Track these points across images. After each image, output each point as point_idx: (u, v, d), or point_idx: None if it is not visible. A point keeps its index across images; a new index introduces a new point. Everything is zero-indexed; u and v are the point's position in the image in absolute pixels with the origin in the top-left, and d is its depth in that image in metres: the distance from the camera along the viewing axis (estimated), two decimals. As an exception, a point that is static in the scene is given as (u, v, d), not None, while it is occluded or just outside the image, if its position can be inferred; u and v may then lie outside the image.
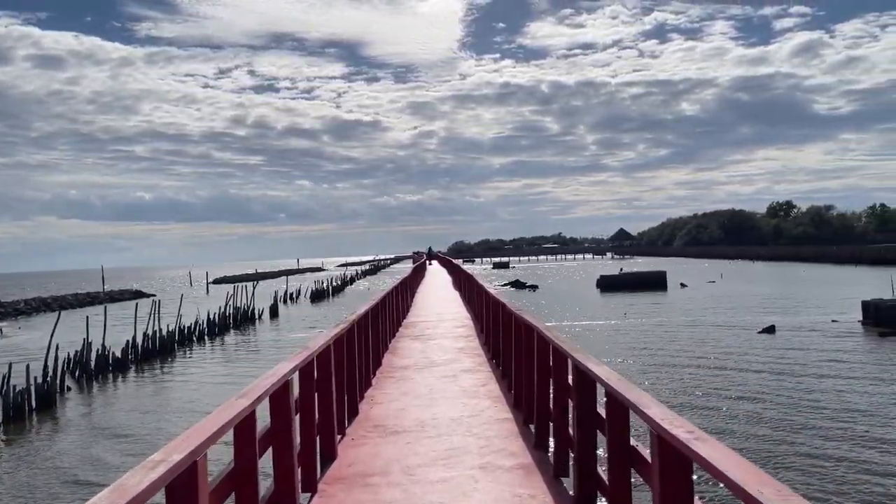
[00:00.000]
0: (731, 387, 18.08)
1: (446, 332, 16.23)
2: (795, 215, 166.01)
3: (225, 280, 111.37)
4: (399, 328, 17.07)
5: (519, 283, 67.24)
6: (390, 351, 13.27)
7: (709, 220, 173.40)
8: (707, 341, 26.32)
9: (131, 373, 25.60)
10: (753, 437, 13.56)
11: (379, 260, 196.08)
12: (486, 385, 9.75)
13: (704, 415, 15.28)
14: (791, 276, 66.64)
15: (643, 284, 57.58)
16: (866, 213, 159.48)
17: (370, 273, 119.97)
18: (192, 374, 24.64)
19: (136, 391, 22.35)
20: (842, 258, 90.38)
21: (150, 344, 28.37)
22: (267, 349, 30.09)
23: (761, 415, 15.21)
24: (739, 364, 21.32)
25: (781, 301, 41.24)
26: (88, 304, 70.83)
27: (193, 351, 30.77)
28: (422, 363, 11.81)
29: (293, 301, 60.30)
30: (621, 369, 20.69)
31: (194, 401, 19.66)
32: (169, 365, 26.98)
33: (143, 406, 19.57)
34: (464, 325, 17.76)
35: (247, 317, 41.99)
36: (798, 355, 22.68)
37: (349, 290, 76.82)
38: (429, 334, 15.97)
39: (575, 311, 40.16)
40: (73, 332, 30.56)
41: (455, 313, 21.12)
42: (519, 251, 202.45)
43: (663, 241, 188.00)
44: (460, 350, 13.20)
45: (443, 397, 8.98)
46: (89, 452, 14.95)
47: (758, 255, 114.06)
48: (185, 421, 16.91)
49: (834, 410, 15.40)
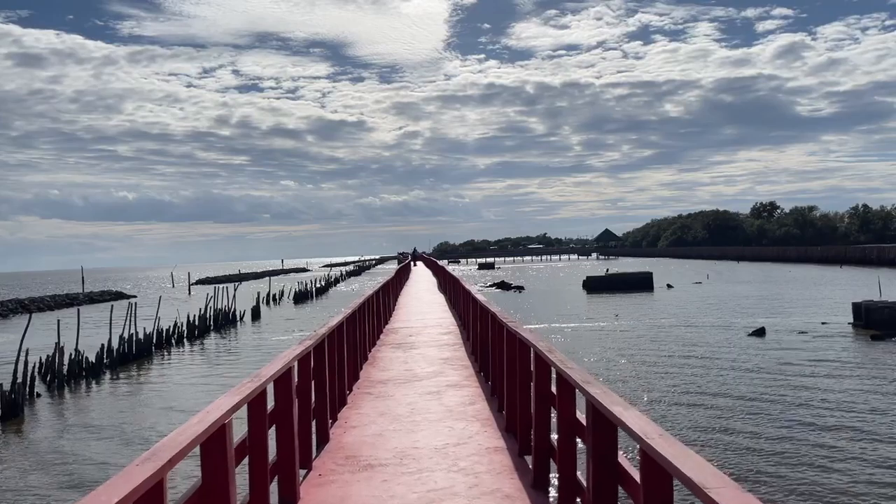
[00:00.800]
0: (724, 392, 17.33)
1: (430, 340, 15.36)
2: (779, 216, 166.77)
3: (207, 281, 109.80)
4: (380, 335, 16.22)
5: (505, 284, 66.47)
6: (370, 362, 12.39)
7: (693, 220, 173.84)
8: (697, 344, 25.63)
9: (105, 378, 24.49)
10: (748, 444, 12.79)
11: (364, 261, 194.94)
12: (475, 404, 8.91)
13: (696, 422, 14.49)
14: (777, 277, 66.36)
15: (629, 285, 57.00)
16: (849, 214, 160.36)
17: (354, 274, 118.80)
18: (168, 380, 23.60)
19: (108, 398, 21.28)
20: (827, 259, 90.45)
21: (126, 348, 27.24)
22: (247, 352, 29.09)
23: (756, 421, 14.45)
24: (730, 367, 20.60)
25: (769, 302, 40.73)
26: (67, 306, 69.22)
27: (171, 355, 29.68)
28: (403, 376, 10.94)
29: (276, 302, 59.17)
30: (613, 374, 19.87)
31: (171, 406, 18.67)
32: (145, 370, 25.92)
33: (114, 418, 18.53)
34: (449, 331, 16.95)
35: (228, 319, 40.83)
36: (789, 358, 22.06)
37: (333, 291, 75.71)
38: (412, 342, 15.09)
39: (562, 312, 39.40)
40: (48, 335, 29.33)
41: (440, 318, 20.28)
42: (504, 252, 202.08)
43: (648, 241, 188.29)
44: (445, 361, 12.32)
45: (425, 419, 8.08)
46: (54, 467, 13.92)
47: (742, 255, 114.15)
48: (154, 434, 15.92)
49: (827, 415, 14.68)
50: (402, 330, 17.48)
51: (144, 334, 28.96)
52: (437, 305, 24.90)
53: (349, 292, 66.03)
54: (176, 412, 18.47)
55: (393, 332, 16.93)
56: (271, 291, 61.23)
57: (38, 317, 59.19)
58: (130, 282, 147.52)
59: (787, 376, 19.43)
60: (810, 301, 40.86)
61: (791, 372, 20.02)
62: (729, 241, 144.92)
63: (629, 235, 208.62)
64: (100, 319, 33.23)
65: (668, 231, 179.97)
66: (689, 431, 14.13)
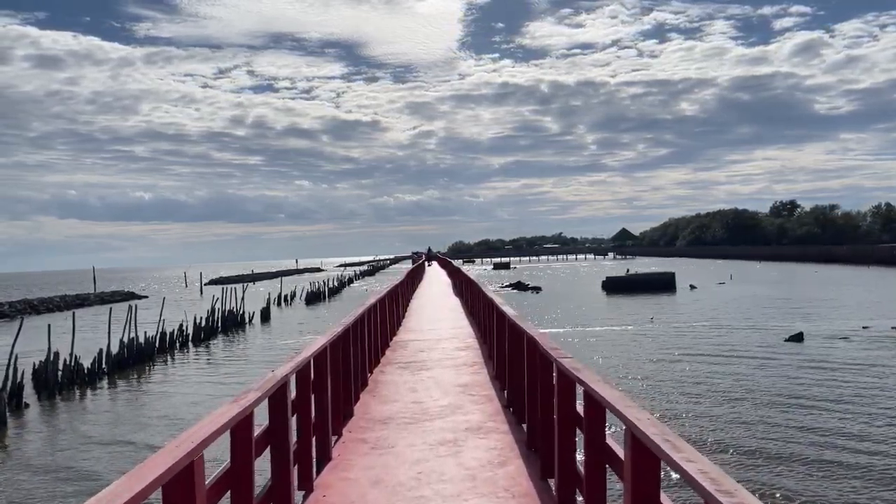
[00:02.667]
0: (771, 405, 15.76)
1: (445, 358, 13.23)
2: (799, 215, 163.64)
3: (221, 281, 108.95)
4: (386, 350, 14.28)
5: (521, 285, 64.92)
6: (370, 388, 10.33)
7: (712, 219, 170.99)
8: (733, 350, 24.02)
9: (102, 386, 23.26)
10: (801, 465, 11.27)
11: (378, 260, 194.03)
12: (506, 464, 6.48)
13: (748, 440, 12.96)
14: (803, 278, 64.33)
15: (651, 286, 55.28)
16: (871, 213, 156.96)
17: (369, 274, 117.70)
18: (167, 388, 22.29)
19: (103, 408, 20.01)
20: (853, 258, 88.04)
21: (126, 352, 26.01)
22: (254, 357, 27.80)
23: (810, 438, 12.91)
24: (772, 377, 19.01)
25: (800, 305, 38.91)
26: (77, 307, 68.36)
27: (174, 360, 28.42)
28: (410, 412, 8.73)
29: (287, 304, 57.98)
30: (653, 385, 18.31)
31: (167, 415, 17.36)
32: (145, 376, 24.67)
33: (106, 429, 17.23)
34: (467, 345, 14.96)
35: (236, 321, 39.60)
36: (833, 367, 20.40)
37: (346, 291, 74.50)
38: (423, 361, 12.93)
39: (583, 315, 37.84)
40: (53, 338, 28.12)
41: (456, 328, 18.22)
42: (519, 251, 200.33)
43: (665, 241, 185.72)
44: (464, 389, 10.14)
45: (437, 494, 5.70)
46: (38, 482, 12.63)
47: (763, 255, 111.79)
48: (151, 446, 14.60)
49: (884, 432, 13.10)
50: (411, 344, 15.50)
51: (145, 338, 27.68)
52: (453, 311, 23.02)
53: (362, 292, 64.74)
54: (175, 422, 17.20)
55: (401, 347, 14.99)
56: (283, 292, 60.10)
57: (48, 318, 58.46)
58: (144, 282, 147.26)
59: (835, 388, 17.80)
60: (844, 303, 39.02)
61: (836, 382, 18.39)
62: (748, 240, 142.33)
63: (646, 235, 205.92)
64: (106, 322, 31.85)
65: (686, 230, 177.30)
66: (753, 459, 12.62)
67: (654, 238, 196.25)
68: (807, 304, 38.83)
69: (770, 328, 29.32)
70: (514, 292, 57.90)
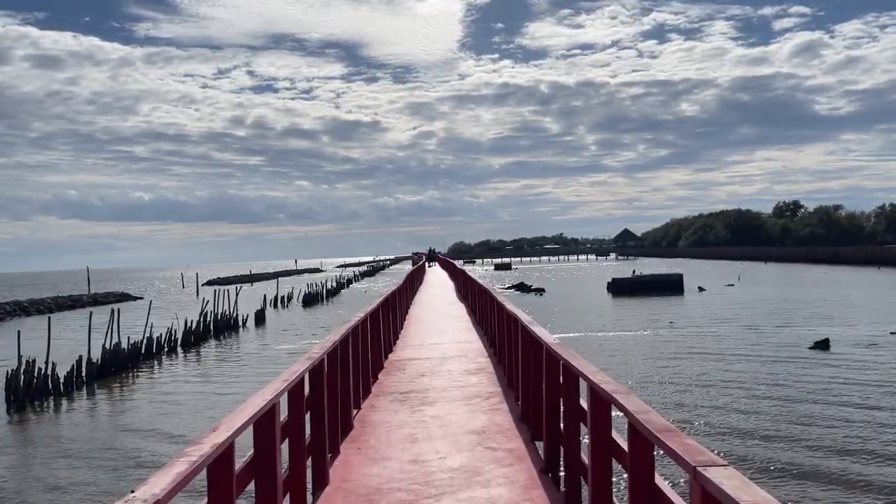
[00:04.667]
0: (807, 423, 14.23)
1: (452, 386, 10.64)
2: (803, 215, 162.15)
3: (218, 282, 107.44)
4: (380, 373, 11.87)
5: (524, 287, 63.37)
6: (353, 436, 7.78)
7: (714, 220, 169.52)
8: (757, 360, 22.45)
9: (80, 395, 21.68)
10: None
11: (378, 261, 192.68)
12: None
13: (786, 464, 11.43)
14: (813, 280, 62.75)
15: (658, 288, 53.74)
16: (875, 213, 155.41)
17: (368, 275, 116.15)
18: (149, 398, 20.72)
19: (79, 419, 18.44)
20: (860, 259, 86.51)
21: (105, 360, 24.41)
22: (246, 365, 26.23)
23: (850, 459, 11.38)
24: (802, 389, 17.46)
25: (817, 308, 37.32)
26: (69, 308, 66.86)
27: (161, 366, 26.85)
28: (405, 484, 6.00)
29: (284, 305, 56.40)
30: (686, 398, 16.71)
31: (141, 428, 15.81)
32: (127, 385, 23.11)
33: (80, 443, 15.66)
34: (479, 366, 12.33)
35: (229, 324, 38.03)
36: (867, 378, 18.83)
37: (345, 292, 72.96)
38: (424, 391, 10.33)
39: (592, 318, 36.27)
40: (38, 342, 26.56)
41: (463, 343, 15.61)
42: (520, 252, 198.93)
43: (668, 241, 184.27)
44: (481, 439, 7.46)
45: None
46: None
47: (769, 255, 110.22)
48: (131, 462, 13.06)
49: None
50: (411, 365, 12.88)
51: (128, 344, 26.03)
52: (458, 320, 20.64)
53: (361, 294, 63.19)
54: (157, 437, 15.68)
55: (398, 369, 12.38)
56: (280, 293, 58.55)
57: (40, 320, 56.87)
58: (143, 282, 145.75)
59: (873, 403, 16.24)
60: (862, 307, 37.44)
61: (875, 396, 16.84)
62: (752, 241, 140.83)
63: (648, 235, 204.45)
64: (97, 324, 29.95)
65: (688, 231, 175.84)
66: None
67: (657, 238, 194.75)
68: (824, 308, 37.22)
69: (792, 334, 27.75)
70: (516, 294, 56.33)
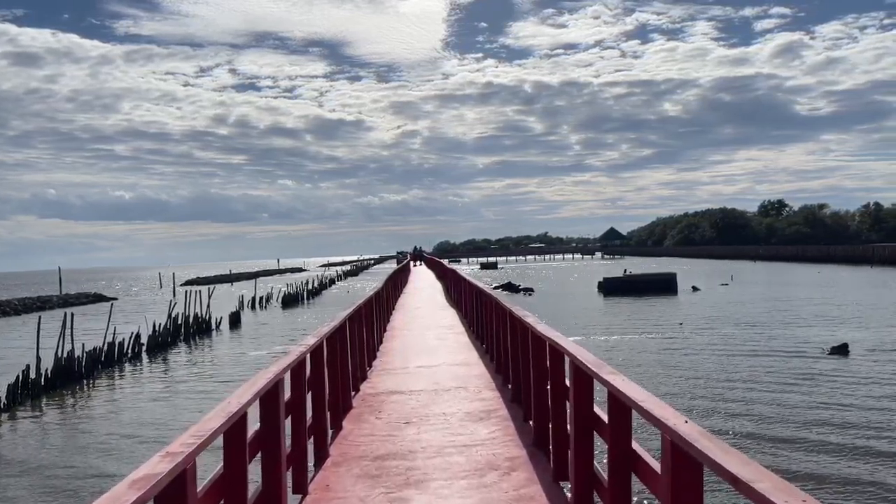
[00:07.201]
0: (840, 444, 12.33)
1: (450, 445, 6.99)
2: (788, 214, 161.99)
3: (197, 281, 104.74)
4: (348, 413, 8.49)
5: (512, 286, 61.42)
6: None
7: (700, 219, 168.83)
8: (771, 368, 20.59)
9: (24, 410, 19.40)
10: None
11: (362, 260, 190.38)
12: None
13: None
14: (807, 279, 61.29)
15: (650, 288, 51.96)
16: (860, 213, 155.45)
17: (352, 274, 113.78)
18: (103, 413, 18.49)
19: (21, 438, 16.18)
20: (851, 258, 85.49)
21: (58, 367, 22.12)
22: (212, 376, 24.04)
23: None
24: (827, 403, 15.60)
25: (821, 308, 35.60)
26: (38, 310, 63.97)
27: (123, 374, 24.59)
28: None
29: (262, 307, 54.08)
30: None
31: (89, 446, 13.62)
32: (80, 398, 20.86)
33: (22, 465, 13.44)
34: (485, 406, 8.76)
35: (200, 328, 35.73)
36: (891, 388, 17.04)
37: (327, 293, 70.69)
38: (410, 454, 6.70)
39: (587, 320, 34.33)
40: (6, 346, 24.22)
41: (460, 366, 11.91)
42: (505, 251, 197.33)
43: (653, 240, 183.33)
44: None
45: None
46: None
47: (758, 254, 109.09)
48: (83, 485, 10.91)
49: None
50: (389, 404, 9.09)
51: (83, 351, 23.65)
52: (450, 331, 17.18)
53: (343, 295, 61.00)
54: (105, 455, 13.52)
55: (372, 411, 8.69)
56: (259, 294, 56.21)
57: (4, 322, 54.17)
58: (122, 282, 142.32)
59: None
60: (869, 307, 35.77)
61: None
62: (738, 239, 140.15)
63: (633, 234, 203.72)
64: (70, 328, 27.16)
65: (674, 230, 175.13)
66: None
67: (642, 237, 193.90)
68: (829, 308, 35.52)
69: (803, 337, 25.96)
70: (504, 294, 54.39)
